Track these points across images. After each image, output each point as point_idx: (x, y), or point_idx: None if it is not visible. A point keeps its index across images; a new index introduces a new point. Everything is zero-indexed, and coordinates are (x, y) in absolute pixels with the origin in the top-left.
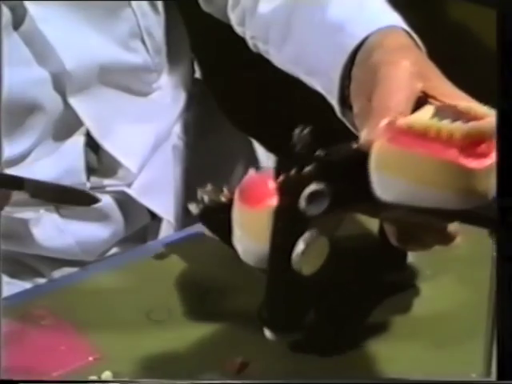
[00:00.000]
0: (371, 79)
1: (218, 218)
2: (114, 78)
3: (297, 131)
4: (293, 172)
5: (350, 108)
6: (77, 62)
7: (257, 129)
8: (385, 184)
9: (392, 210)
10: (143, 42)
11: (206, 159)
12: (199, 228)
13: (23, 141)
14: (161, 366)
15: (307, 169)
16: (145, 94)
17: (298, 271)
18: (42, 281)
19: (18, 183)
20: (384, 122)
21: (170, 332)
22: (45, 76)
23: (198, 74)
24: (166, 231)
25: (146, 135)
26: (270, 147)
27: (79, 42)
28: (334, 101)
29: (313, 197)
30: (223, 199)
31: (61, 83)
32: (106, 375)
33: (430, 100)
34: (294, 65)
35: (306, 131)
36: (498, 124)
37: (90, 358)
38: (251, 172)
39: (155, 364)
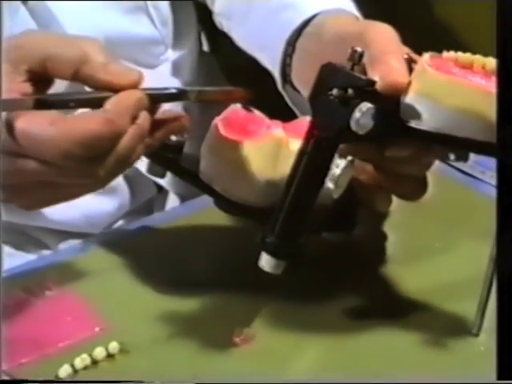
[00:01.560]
0: (322, 49)
1: (167, 159)
2: (120, 50)
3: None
4: (336, 93)
5: (290, 83)
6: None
7: (265, 101)
8: (428, 111)
9: (404, 146)
10: (149, 14)
11: None
12: (206, 200)
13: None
14: (167, 339)
15: (350, 91)
16: (152, 67)
17: (328, 196)
18: (47, 253)
19: (186, 93)
20: (426, 55)
21: (176, 304)
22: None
23: (205, 47)
24: (172, 205)
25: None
26: (278, 118)
27: (85, 15)
28: (276, 72)
29: (364, 115)
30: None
31: None
32: (113, 346)
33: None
34: (249, 42)
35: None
36: None
37: (97, 329)
38: (235, 108)
39: (162, 335)
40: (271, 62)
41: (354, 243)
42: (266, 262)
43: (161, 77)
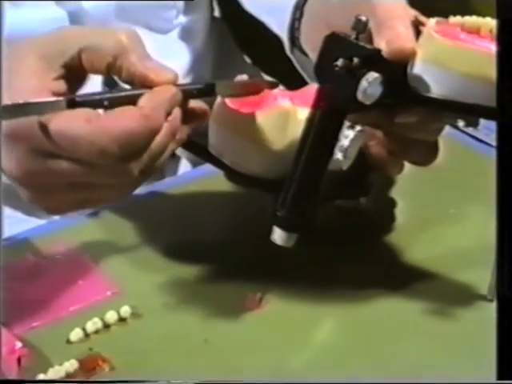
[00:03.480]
0: (329, 13)
1: None
2: (132, 14)
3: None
4: (341, 63)
5: (299, 47)
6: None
7: (274, 67)
8: (436, 78)
9: (412, 113)
10: None
11: None
12: None
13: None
14: (179, 303)
15: (356, 61)
16: (165, 32)
17: (337, 167)
18: (58, 218)
19: (211, 88)
20: (432, 21)
21: (188, 268)
22: (62, 15)
23: (216, 13)
24: (184, 170)
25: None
26: (287, 85)
27: None
28: (284, 36)
29: (370, 85)
30: None
31: (78, 21)
32: (125, 310)
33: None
34: (258, 6)
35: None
36: None
37: (109, 293)
38: (242, 79)
39: (173, 300)
40: (279, 26)
41: (365, 210)
42: (277, 235)
43: (173, 42)
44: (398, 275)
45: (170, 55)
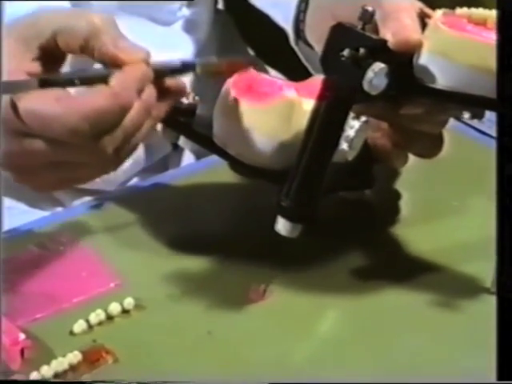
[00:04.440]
0: (335, 4)
1: (180, 123)
2: (135, 6)
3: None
4: (347, 53)
5: (304, 39)
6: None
7: (279, 59)
8: (442, 69)
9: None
10: None
11: None
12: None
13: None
14: (182, 294)
15: (362, 51)
16: (168, 24)
17: (342, 157)
18: (61, 210)
19: (191, 66)
20: (439, 12)
21: (191, 260)
22: (65, 5)
23: (220, 5)
24: (188, 162)
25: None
26: (292, 77)
27: None
28: (289, 28)
29: (376, 75)
30: (185, 102)
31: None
32: (128, 301)
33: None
34: None
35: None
36: None
37: (112, 285)
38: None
39: (177, 291)
40: (284, 19)
41: (369, 202)
42: (282, 226)
43: (176, 34)
44: (401, 267)
45: (174, 47)
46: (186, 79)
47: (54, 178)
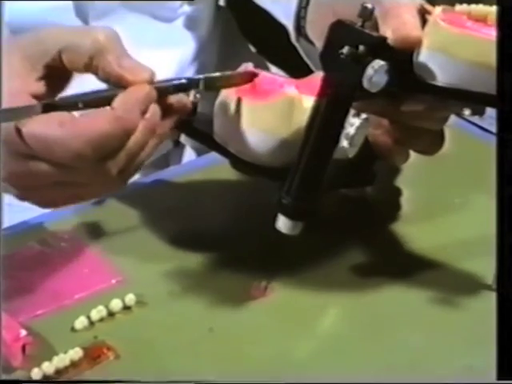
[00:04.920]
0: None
1: (181, 121)
2: (136, 3)
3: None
4: (347, 51)
5: (304, 36)
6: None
7: (279, 56)
8: (442, 66)
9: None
10: None
11: None
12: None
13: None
14: (184, 291)
15: (362, 49)
16: (169, 20)
17: (343, 155)
18: None
19: (195, 82)
20: (439, 9)
21: (192, 256)
22: (66, 2)
23: (221, 1)
24: (189, 158)
25: (169, 61)
26: (292, 74)
27: None
28: (290, 25)
29: (376, 73)
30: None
31: (83, 9)
32: (130, 298)
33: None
34: None
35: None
36: None
37: (113, 281)
38: (248, 67)
39: (178, 288)
40: (285, 15)
41: (370, 199)
42: (282, 223)
43: (177, 31)
44: (403, 264)
45: (175, 44)
46: None
47: (59, 196)
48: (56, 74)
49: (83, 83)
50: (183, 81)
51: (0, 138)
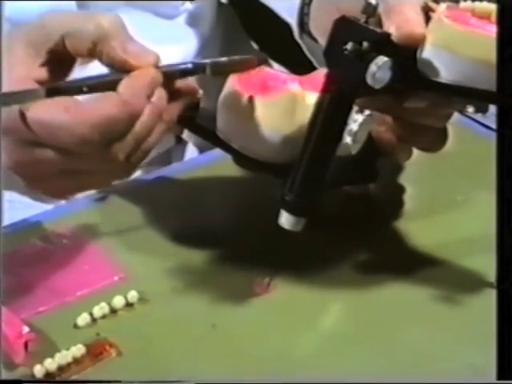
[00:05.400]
0: None
1: (184, 116)
2: (139, 1)
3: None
4: (351, 47)
5: (308, 33)
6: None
7: (282, 53)
8: (446, 63)
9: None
10: None
11: None
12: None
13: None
14: (186, 288)
15: (365, 45)
16: (171, 17)
17: (346, 151)
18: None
19: (202, 67)
20: (443, 6)
21: (195, 253)
22: (71, 3)
23: None
24: (191, 155)
25: (171, 58)
26: (296, 71)
27: None
28: (293, 21)
29: (380, 69)
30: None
31: (85, 7)
32: (132, 295)
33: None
34: None
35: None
36: None
37: (116, 278)
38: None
39: (180, 285)
40: (288, 12)
41: (373, 196)
42: (285, 219)
43: (179, 28)
44: (405, 261)
45: (177, 41)
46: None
47: (67, 185)
48: (59, 59)
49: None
50: (189, 65)
51: (1, 122)
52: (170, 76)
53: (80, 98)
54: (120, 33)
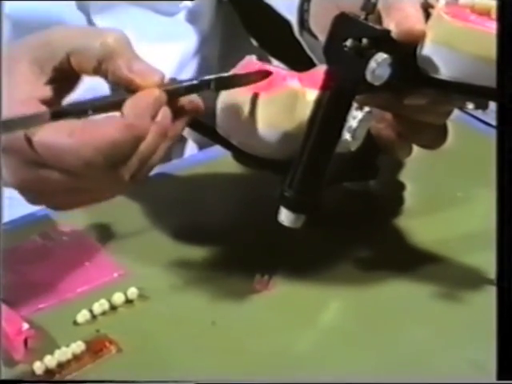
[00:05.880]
0: None
1: None
2: None
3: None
4: (350, 44)
5: (308, 29)
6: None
7: (282, 50)
8: (445, 59)
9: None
10: None
11: None
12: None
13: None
14: (186, 284)
15: (365, 42)
16: (171, 14)
17: (346, 148)
18: None
19: (206, 83)
20: (442, 2)
21: (195, 250)
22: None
23: None
24: (191, 152)
25: (171, 55)
26: (295, 68)
27: None
28: (293, 18)
29: (379, 66)
30: None
31: (85, 5)
32: (132, 291)
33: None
34: None
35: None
36: None
37: (115, 275)
38: (251, 60)
39: (180, 281)
40: (288, 9)
41: (373, 193)
42: (285, 216)
43: (179, 24)
44: (405, 258)
45: (177, 38)
46: None
47: (72, 200)
48: (64, 76)
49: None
50: (194, 82)
51: (3, 146)
52: (174, 94)
53: (86, 120)
54: (126, 51)
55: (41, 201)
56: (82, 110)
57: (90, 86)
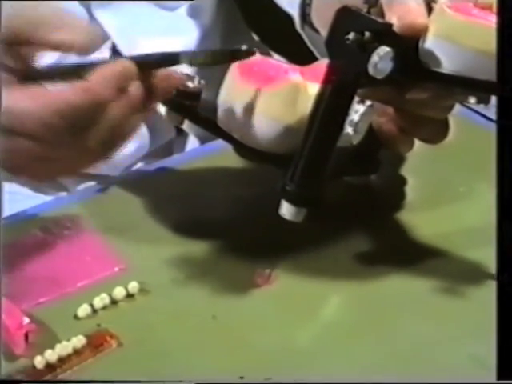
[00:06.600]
0: None
1: (185, 106)
2: None
3: None
4: (352, 37)
5: (310, 24)
6: None
7: (284, 44)
8: (448, 53)
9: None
10: None
11: None
12: (225, 142)
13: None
14: (187, 279)
15: (367, 35)
16: (172, 8)
17: (347, 141)
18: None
19: (174, 57)
20: None
21: (196, 244)
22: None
23: None
24: (192, 146)
25: (172, 49)
26: (297, 63)
27: None
28: (295, 12)
29: (381, 59)
30: (191, 85)
31: (85, 3)
32: (133, 286)
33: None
34: None
35: None
36: None
37: (116, 269)
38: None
39: (181, 276)
40: (290, 3)
41: (375, 187)
42: (286, 210)
43: (180, 19)
44: (406, 253)
45: (178, 32)
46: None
47: (45, 171)
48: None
49: None
50: (166, 55)
51: None
52: (145, 66)
53: (48, 85)
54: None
55: (18, 173)
56: (48, 75)
57: None
